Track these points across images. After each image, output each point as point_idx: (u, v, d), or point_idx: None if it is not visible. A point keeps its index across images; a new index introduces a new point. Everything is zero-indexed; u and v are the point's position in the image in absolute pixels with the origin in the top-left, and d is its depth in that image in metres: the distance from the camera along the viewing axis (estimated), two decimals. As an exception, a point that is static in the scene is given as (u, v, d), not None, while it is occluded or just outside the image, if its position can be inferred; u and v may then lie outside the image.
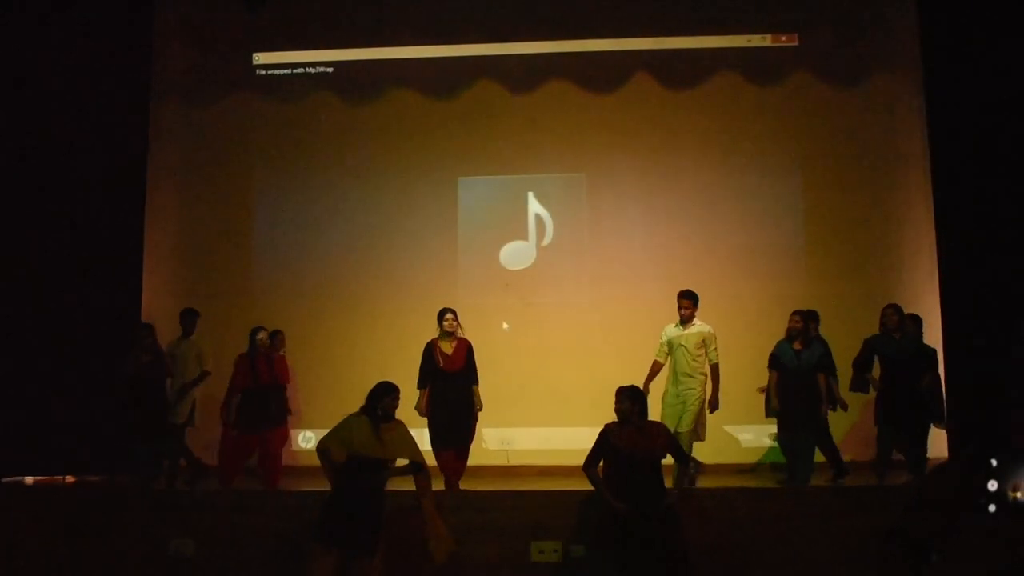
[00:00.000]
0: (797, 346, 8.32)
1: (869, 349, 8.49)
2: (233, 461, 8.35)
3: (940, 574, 4.77)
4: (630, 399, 6.48)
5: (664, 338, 8.53)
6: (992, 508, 1.36)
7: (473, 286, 10.53)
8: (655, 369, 8.41)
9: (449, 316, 8.30)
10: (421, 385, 8.24)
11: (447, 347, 8.26)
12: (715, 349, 8.39)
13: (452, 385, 8.17)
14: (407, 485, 6.56)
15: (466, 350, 8.29)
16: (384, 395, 6.32)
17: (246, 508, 7.47)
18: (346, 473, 6.18)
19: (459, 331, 8.30)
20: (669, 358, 8.46)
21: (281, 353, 9.18)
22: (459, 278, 10.58)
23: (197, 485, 8.81)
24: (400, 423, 6.46)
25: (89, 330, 9.76)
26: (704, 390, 8.32)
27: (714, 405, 8.35)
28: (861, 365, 8.50)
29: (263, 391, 8.43)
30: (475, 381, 8.27)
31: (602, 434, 6.48)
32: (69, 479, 9.07)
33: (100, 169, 10.16)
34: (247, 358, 8.53)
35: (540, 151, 10.75)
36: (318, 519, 6.14)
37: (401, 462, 6.45)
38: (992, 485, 1.37)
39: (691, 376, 8.32)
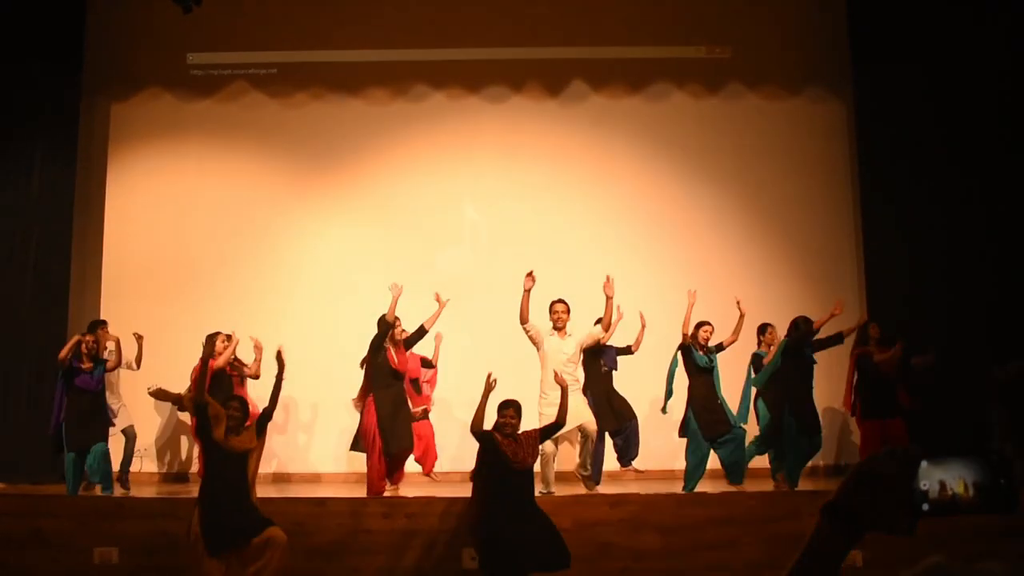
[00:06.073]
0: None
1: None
2: None
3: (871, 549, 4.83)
4: (518, 413, 6.71)
5: (537, 330, 7.98)
6: (925, 507, 1.39)
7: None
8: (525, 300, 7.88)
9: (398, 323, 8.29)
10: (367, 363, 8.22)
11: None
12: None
13: (401, 389, 8.16)
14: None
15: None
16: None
17: (171, 515, 7.31)
18: (210, 471, 6.40)
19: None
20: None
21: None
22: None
23: None
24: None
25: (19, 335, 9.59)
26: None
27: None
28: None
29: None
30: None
31: (489, 442, 6.58)
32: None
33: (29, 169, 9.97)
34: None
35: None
36: (207, 536, 6.08)
37: None
38: (924, 484, 1.41)
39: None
